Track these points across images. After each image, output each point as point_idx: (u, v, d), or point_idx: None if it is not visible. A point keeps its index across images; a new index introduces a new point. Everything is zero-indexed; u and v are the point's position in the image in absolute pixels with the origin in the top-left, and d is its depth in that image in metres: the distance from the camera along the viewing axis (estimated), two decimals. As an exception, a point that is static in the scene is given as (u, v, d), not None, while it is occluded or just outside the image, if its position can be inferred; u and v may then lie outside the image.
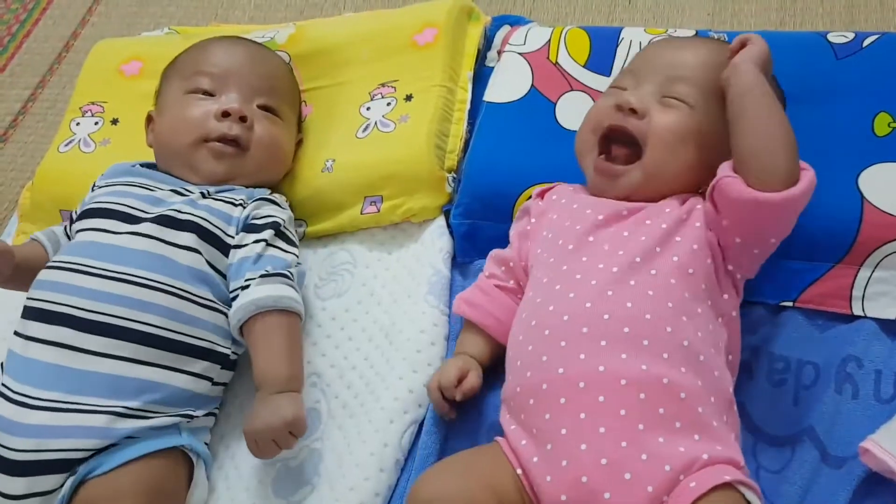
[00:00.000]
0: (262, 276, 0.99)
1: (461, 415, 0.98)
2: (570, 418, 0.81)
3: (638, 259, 0.87)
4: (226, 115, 1.08)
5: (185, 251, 1.00)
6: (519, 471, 0.84)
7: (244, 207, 1.06)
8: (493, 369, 1.00)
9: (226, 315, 1.01)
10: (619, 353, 0.82)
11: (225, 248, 1.03)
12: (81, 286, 0.96)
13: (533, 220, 0.99)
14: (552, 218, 0.97)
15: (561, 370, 0.83)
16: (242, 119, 1.08)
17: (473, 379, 0.95)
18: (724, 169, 0.88)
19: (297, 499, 0.96)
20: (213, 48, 1.16)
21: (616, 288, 0.86)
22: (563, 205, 0.98)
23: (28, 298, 0.99)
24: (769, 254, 0.91)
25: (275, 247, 1.03)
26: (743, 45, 0.93)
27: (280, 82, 1.16)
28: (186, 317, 0.97)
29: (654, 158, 0.92)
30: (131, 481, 0.90)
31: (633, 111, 0.93)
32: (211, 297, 1.00)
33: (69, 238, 1.10)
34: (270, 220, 1.06)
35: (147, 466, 0.92)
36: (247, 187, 1.10)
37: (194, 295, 0.99)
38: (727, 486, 0.77)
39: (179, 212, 1.02)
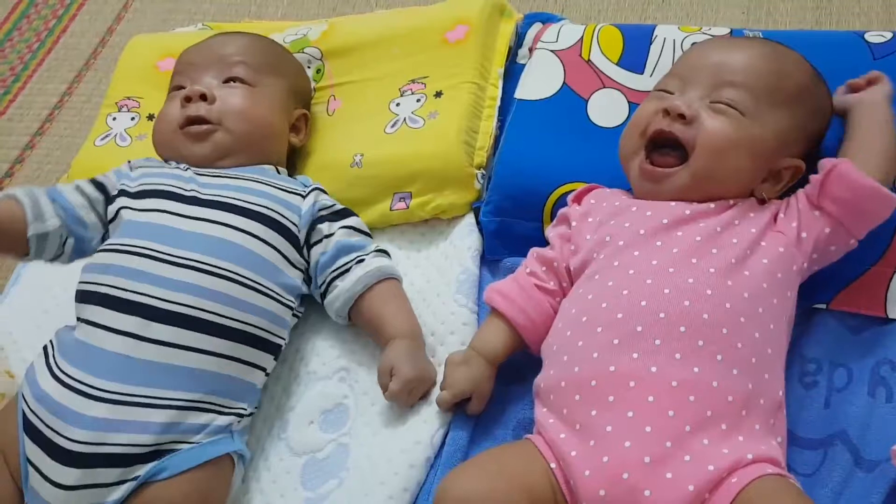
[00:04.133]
0: (375, 251, 1.07)
1: (488, 413, 0.98)
2: (618, 416, 0.81)
3: (694, 260, 0.87)
4: (188, 99, 1.10)
5: (250, 237, 1.01)
6: (553, 465, 0.84)
7: (304, 197, 1.08)
8: (520, 369, 0.99)
9: (284, 305, 1.02)
10: (673, 353, 0.82)
11: (290, 236, 1.04)
12: (153, 273, 0.96)
13: (574, 224, 0.98)
14: (600, 219, 0.95)
15: (612, 368, 0.83)
16: (203, 97, 1.09)
17: (475, 407, 0.96)
18: (830, 160, 0.90)
19: (325, 491, 0.97)
20: (191, 48, 1.19)
21: (673, 286, 0.85)
22: (613, 207, 0.96)
23: (87, 283, 0.98)
24: (834, 259, 0.92)
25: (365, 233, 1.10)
26: (870, 81, 0.98)
27: (251, 54, 1.15)
28: (250, 306, 0.98)
29: (701, 164, 0.91)
30: (183, 494, 0.91)
31: (681, 116, 0.91)
32: (272, 286, 1.01)
33: (89, 204, 1.05)
34: (342, 208, 1.10)
35: (201, 477, 0.92)
36: (246, 165, 1.10)
37: (258, 283, 0.99)
38: (769, 475, 0.77)
39: (237, 199, 1.03)
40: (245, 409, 0.98)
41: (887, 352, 0.92)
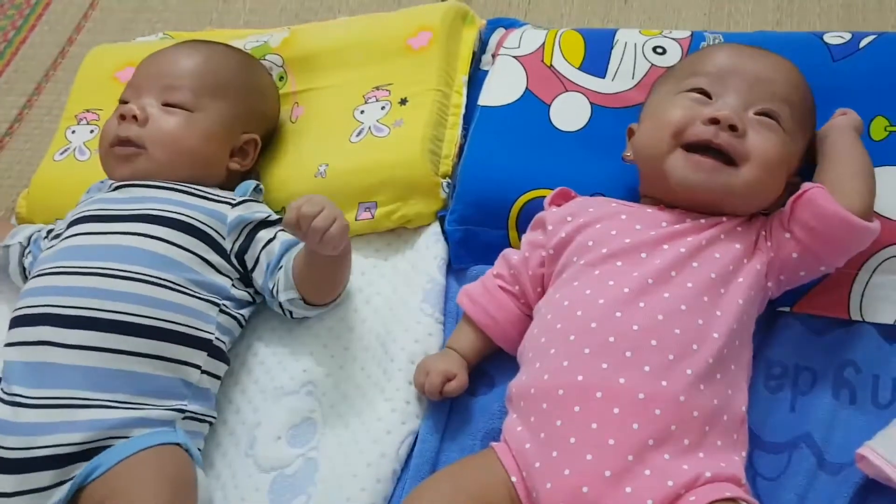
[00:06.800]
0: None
1: (455, 424, 0.98)
2: (582, 427, 0.81)
3: (674, 273, 0.87)
4: (123, 117, 1.09)
5: (159, 242, 1.02)
6: (514, 478, 0.84)
7: (232, 206, 1.07)
8: (489, 378, 1.00)
9: (208, 302, 1.02)
10: (642, 366, 0.82)
11: (209, 240, 1.04)
12: (56, 285, 1.00)
13: (550, 228, 0.97)
14: (584, 221, 0.94)
15: (580, 377, 0.83)
16: (135, 118, 1.08)
17: (454, 386, 0.95)
18: (808, 184, 0.88)
19: (294, 508, 0.95)
20: (148, 59, 1.17)
21: (648, 299, 0.85)
22: (600, 211, 0.95)
23: (14, 310, 1.02)
24: (804, 282, 0.92)
25: None
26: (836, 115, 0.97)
27: (200, 75, 1.12)
28: (160, 301, 0.98)
29: (753, 176, 0.89)
30: (149, 469, 0.90)
31: (732, 128, 0.88)
32: (185, 283, 1.01)
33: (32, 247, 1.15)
34: (276, 216, 1.09)
35: (157, 454, 0.92)
36: (179, 183, 1.09)
37: (169, 281, 1.00)
38: (728, 500, 0.77)
39: (153, 209, 1.04)
40: (185, 406, 0.98)
41: (851, 354, 0.92)
